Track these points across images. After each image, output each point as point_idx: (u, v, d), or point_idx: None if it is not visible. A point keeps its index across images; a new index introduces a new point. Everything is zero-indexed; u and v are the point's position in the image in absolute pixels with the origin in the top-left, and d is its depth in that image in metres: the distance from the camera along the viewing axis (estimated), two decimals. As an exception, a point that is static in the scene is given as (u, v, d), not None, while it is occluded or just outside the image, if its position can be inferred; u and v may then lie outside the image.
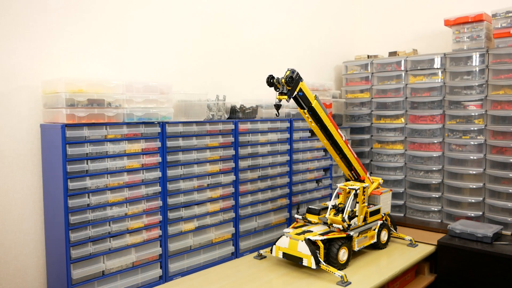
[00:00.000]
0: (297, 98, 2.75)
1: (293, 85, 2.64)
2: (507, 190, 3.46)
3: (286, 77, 2.61)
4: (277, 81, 2.65)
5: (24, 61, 2.40)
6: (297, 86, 2.68)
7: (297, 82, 2.67)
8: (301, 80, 2.70)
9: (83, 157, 2.34)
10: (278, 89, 2.66)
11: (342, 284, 2.58)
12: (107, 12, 2.75)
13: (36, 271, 2.50)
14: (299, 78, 2.68)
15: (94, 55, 2.70)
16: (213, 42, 3.38)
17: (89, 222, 2.38)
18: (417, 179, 3.97)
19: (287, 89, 2.63)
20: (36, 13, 2.44)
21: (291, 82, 2.61)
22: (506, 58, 3.46)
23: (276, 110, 2.69)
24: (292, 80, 2.62)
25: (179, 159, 2.78)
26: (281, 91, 2.65)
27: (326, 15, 4.49)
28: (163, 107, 2.68)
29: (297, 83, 2.67)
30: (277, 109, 2.68)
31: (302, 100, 2.76)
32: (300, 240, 2.74)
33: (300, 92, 2.71)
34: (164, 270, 2.71)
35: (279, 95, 2.66)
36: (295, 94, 2.70)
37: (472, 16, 3.64)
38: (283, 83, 2.62)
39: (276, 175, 3.39)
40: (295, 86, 2.66)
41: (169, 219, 2.73)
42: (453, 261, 3.20)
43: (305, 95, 2.74)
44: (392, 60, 4.09)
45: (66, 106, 2.28)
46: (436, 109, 3.84)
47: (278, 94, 2.66)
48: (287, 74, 2.62)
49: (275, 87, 2.67)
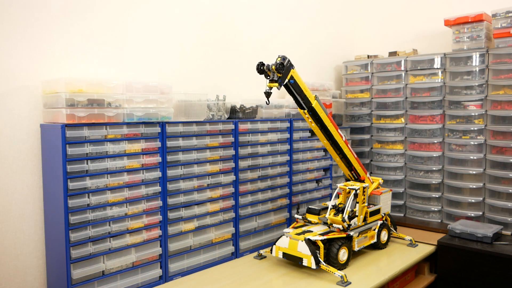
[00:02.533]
0: (289, 87, 2.70)
1: (284, 72, 2.59)
2: (507, 190, 3.46)
3: (276, 64, 2.55)
4: (268, 68, 2.58)
5: (24, 61, 2.40)
6: (288, 73, 2.63)
7: (288, 69, 2.61)
8: (292, 67, 2.65)
9: (83, 157, 2.34)
10: (269, 77, 2.61)
11: (342, 284, 2.58)
12: (107, 12, 2.75)
13: (36, 271, 2.50)
14: (290, 65, 2.63)
15: (94, 55, 2.70)
16: (213, 42, 3.38)
17: (89, 222, 2.38)
18: (417, 179, 3.97)
19: (277, 76, 2.58)
20: (36, 13, 2.44)
21: (281, 68, 2.56)
22: (506, 58, 3.46)
23: (266, 98, 2.63)
24: (283, 66, 2.56)
25: (179, 159, 2.77)
26: (271, 79, 2.59)
27: (326, 15, 4.49)
28: (163, 107, 2.68)
29: (288, 70, 2.62)
30: (267, 97, 2.62)
31: (294, 89, 2.71)
32: (300, 240, 2.74)
33: (291, 79, 2.66)
34: (164, 270, 2.71)
35: (270, 83, 2.61)
36: (286, 82, 2.65)
37: (472, 16, 3.64)
38: (274, 70, 2.56)
39: (276, 175, 3.39)
40: (286, 73, 2.61)
41: (169, 219, 2.73)
42: (453, 261, 3.20)
43: (296, 83, 2.69)
44: (392, 60, 4.09)
45: (66, 106, 2.28)
46: (436, 109, 3.84)
47: (269, 81, 2.61)
48: (277, 61, 2.57)
49: (266, 74, 2.61)
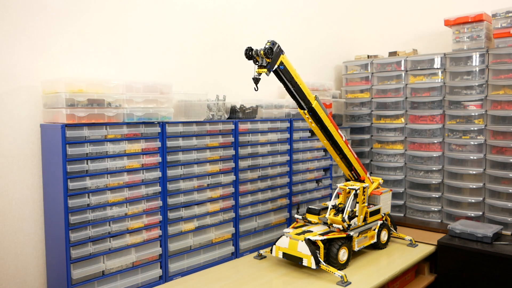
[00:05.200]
0: (279, 74, 2.63)
1: (273, 57, 2.50)
2: (507, 190, 3.46)
3: (265, 49, 2.46)
4: (256, 53, 2.50)
5: (24, 61, 2.40)
6: (278, 59, 2.54)
7: (277, 55, 2.53)
8: (282, 53, 2.57)
9: (83, 157, 2.34)
10: (258, 62, 2.52)
11: (342, 284, 2.58)
12: (107, 12, 2.75)
13: (36, 271, 2.50)
14: (280, 51, 2.54)
15: (94, 55, 2.70)
16: (213, 42, 3.38)
17: (89, 222, 2.38)
18: (417, 179, 3.97)
19: (266, 62, 2.49)
20: (36, 13, 2.44)
21: (270, 53, 2.47)
22: (506, 58, 3.46)
23: (255, 84, 2.53)
24: (272, 51, 2.47)
25: (179, 159, 2.77)
26: (260, 64, 2.50)
27: (326, 15, 4.48)
28: (163, 107, 2.68)
29: (278, 56, 2.53)
30: (255, 83, 2.53)
31: (284, 76, 2.64)
32: (300, 240, 2.74)
33: (281, 65, 2.58)
34: (164, 270, 2.71)
35: (258, 68, 2.52)
36: (276, 68, 2.56)
37: (472, 16, 3.64)
38: (262, 55, 2.48)
39: (276, 175, 3.39)
40: (275, 59, 2.52)
41: (169, 219, 2.73)
42: (453, 261, 3.20)
43: (287, 69, 2.61)
44: (392, 60, 4.09)
45: (66, 106, 2.28)
46: (436, 109, 3.84)
47: (258, 67, 2.52)
48: (266, 45, 2.48)
49: (254, 60, 2.53)
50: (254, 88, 2.56)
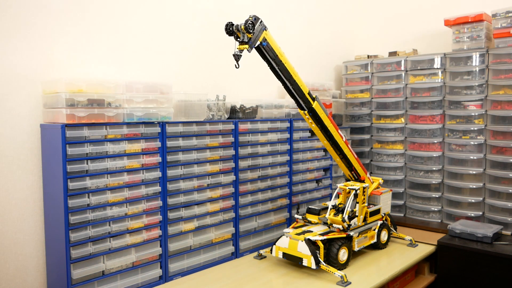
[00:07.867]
0: (262, 51, 2.51)
1: (254, 32, 2.38)
2: (507, 190, 3.46)
3: (246, 22, 2.34)
4: (237, 29, 2.38)
5: (24, 61, 2.40)
6: (261, 35, 2.42)
7: (260, 30, 2.41)
8: (265, 29, 2.46)
9: (83, 157, 2.34)
10: (239, 38, 2.41)
11: (342, 284, 2.58)
12: (107, 12, 2.75)
13: (36, 271, 2.50)
14: (263, 27, 2.43)
15: (94, 55, 2.70)
16: (213, 42, 3.38)
17: (89, 222, 2.38)
18: (417, 179, 3.97)
19: (248, 37, 2.37)
20: (36, 13, 2.44)
21: (251, 28, 2.35)
22: (506, 58, 3.46)
23: (236, 61, 2.41)
24: (253, 26, 2.36)
25: (179, 159, 2.77)
26: (242, 40, 2.39)
27: (326, 15, 4.48)
28: (163, 107, 2.68)
29: (260, 32, 2.41)
30: (236, 60, 2.40)
31: (268, 54, 2.51)
32: (300, 240, 2.74)
33: (264, 42, 2.45)
34: (164, 270, 2.71)
35: (240, 45, 2.41)
36: (258, 44, 2.44)
37: (472, 16, 3.64)
38: (243, 30, 2.35)
39: (276, 175, 3.39)
40: (257, 34, 2.40)
41: (169, 219, 2.73)
42: (453, 261, 3.20)
43: (270, 46, 2.49)
44: (392, 60, 4.09)
45: (66, 106, 2.29)
46: (436, 109, 3.84)
47: (239, 43, 2.42)
48: (248, 20, 2.36)
49: (236, 36, 2.42)
50: (235, 65, 2.44)
